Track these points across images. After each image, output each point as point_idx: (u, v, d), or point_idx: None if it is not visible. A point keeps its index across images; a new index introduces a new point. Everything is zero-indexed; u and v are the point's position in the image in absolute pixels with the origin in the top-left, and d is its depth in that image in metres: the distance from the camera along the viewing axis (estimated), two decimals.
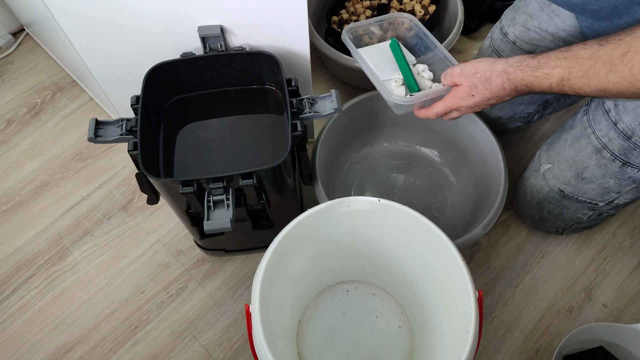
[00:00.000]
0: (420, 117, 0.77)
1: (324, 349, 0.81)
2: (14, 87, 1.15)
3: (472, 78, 0.68)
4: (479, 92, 0.68)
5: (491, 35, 0.88)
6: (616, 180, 0.74)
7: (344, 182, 0.98)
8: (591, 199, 0.79)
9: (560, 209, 0.85)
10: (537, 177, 0.85)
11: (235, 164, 0.75)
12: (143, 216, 1.00)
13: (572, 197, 0.81)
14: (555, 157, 0.81)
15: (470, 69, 0.68)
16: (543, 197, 0.85)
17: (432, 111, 0.74)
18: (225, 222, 0.63)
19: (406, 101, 0.74)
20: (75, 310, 0.91)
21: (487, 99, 0.68)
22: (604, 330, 0.80)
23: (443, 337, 0.69)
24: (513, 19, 0.83)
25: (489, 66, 0.67)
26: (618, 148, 0.71)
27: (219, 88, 0.80)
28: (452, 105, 0.72)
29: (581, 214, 0.84)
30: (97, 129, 0.68)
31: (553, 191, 0.83)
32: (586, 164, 0.76)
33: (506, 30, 0.84)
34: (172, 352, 0.87)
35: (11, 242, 0.97)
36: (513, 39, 0.83)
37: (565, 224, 0.89)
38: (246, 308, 0.61)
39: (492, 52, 0.86)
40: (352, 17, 1.13)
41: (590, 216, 0.84)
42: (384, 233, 0.73)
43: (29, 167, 1.05)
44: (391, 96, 0.75)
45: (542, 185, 0.84)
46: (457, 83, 0.71)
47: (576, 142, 0.77)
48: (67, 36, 0.76)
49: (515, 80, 0.64)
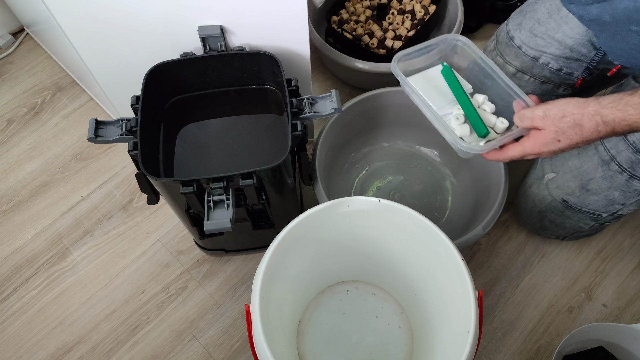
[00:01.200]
0: (490, 159, 0.69)
1: (324, 349, 0.81)
2: (14, 87, 1.15)
3: (559, 123, 0.60)
4: (567, 138, 0.61)
5: (496, 37, 0.87)
6: (621, 193, 0.73)
7: (344, 182, 0.98)
8: (595, 210, 0.79)
9: (562, 218, 0.84)
10: (540, 185, 0.84)
11: (235, 164, 0.75)
12: (143, 216, 1.00)
13: (575, 207, 0.80)
14: (559, 166, 0.79)
15: (556, 112, 0.60)
16: (545, 206, 0.84)
17: (506, 155, 0.67)
18: (225, 222, 0.63)
19: (481, 150, 0.66)
20: (75, 310, 0.91)
21: (576, 144, 0.61)
22: (604, 330, 0.80)
23: (443, 337, 0.69)
24: (520, 24, 0.82)
25: (578, 108, 0.59)
26: (626, 161, 0.70)
27: (219, 88, 0.80)
28: (532, 151, 0.64)
29: (583, 224, 0.83)
30: (97, 129, 0.68)
31: (556, 201, 0.82)
32: (592, 176, 0.75)
33: (512, 34, 0.83)
34: (172, 352, 0.87)
35: (11, 242, 0.97)
36: (519, 44, 0.82)
37: (567, 232, 0.88)
38: (246, 308, 0.61)
39: (497, 55, 0.86)
40: (352, 17, 1.13)
41: (592, 226, 0.84)
42: (384, 233, 0.73)
43: (29, 167, 1.05)
44: (461, 143, 0.66)
45: (545, 194, 0.83)
46: (538, 127, 0.62)
47: (582, 152, 0.75)
48: (67, 36, 0.76)
49: (614, 122, 0.58)
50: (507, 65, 0.84)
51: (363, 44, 1.09)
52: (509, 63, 0.84)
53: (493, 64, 0.71)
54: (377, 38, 1.09)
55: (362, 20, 1.12)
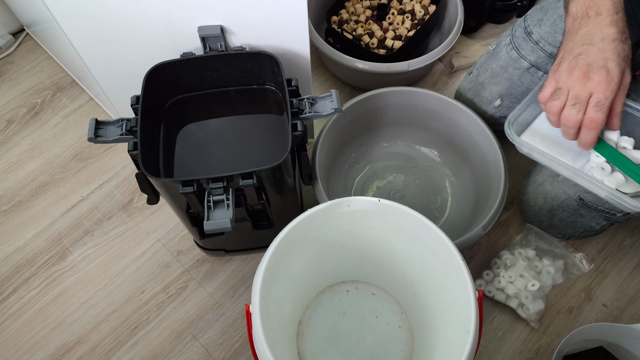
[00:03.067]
0: None
1: (324, 349, 0.81)
2: (14, 87, 1.15)
3: None
4: None
5: (512, 32, 0.87)
6: None
7: (344, 182, 0.98)
8: (610, 209, 0.77)
9: (574, 217, 0.83)
10: (554, 183, 0.83)
11: (235, 164, 0.75)
12: (143, 216, 1.00)
13: (591, 206, 0.79)
14: None
15: None
16: (558, 204, 0.83)
17: None
18: (225, 222, 0.63)
19: None
20: (75, 310, 0.91)
21: None
22: (604, 330, 0.80)
23: (443, 337, 0.69)
24: (541, 20, 0.83)
25: None
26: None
27: (219, 88, 0.80)
28: None
29: (595, 223, 0.82)
30: (97, 129, 0.68)
31: (571, 199, 0.80)
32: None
33: (531, 30, 0.83)
34: (172, 352, 0.87)
35: (11, 242, 0.97)
36: (537, 39, 0.82)
37: (574, 232, 0.87)
38: (246, 308, 0.61)
39: (512, 49, 0.86)
40: (352, 17, 1.13)
41: (603, 226, 0.83)
42: (384, 233, 0.73)
43: (29, 167, 1.05)
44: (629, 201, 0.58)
45: (559, 192, 0.82)
46: None
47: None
48: (67, 36, 0.76)
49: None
50: (522, 59, 0.85)
51: (363, 44, 1.09)
52: (523, 57, 0.84)
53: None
54: (377, 38, 1.09)
55: (362, 20, 1.12)
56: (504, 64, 0.87)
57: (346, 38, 1.06)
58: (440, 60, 1.18)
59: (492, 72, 0.89)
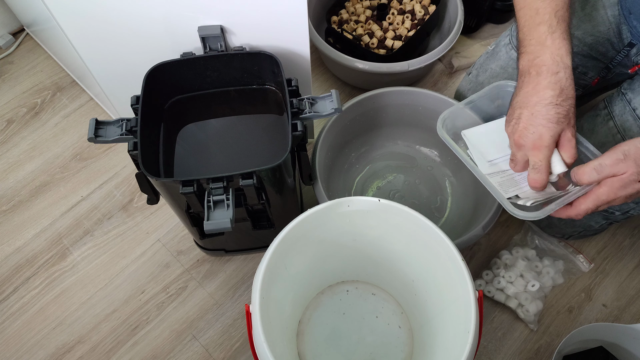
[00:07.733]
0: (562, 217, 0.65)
1: (324, 349, 0.81)
2: (14, 87, 1.15)
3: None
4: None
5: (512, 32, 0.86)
6: None
7: (344, 182, 0.98)
8: (609, 208, 0.78)
9: None
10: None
11: (235, 164, 0.75)
12: (143, 216, 1.00)
13: None
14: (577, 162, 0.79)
15: (635, 151, 0.56)
16: None
17: (580, 210, 0.62)
18: (225, 222, 0.63)
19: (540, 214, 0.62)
20: (75, 310, 0.91)
21: None
22: (604, 330, 0.80)
23: (443, 337, 0.69)
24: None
25: None
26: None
27: (219, 88, 0.80)
28: (607, 198, 0.59)
29: (594, 222, 0.83)
30: (97, 129, 0.68)
31: None
32: None
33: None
34: (172, 352, 0.87)
35: (11, 242, 0.97)
36: None
37: (574, 231, 0.88)
38: (246, 308, 0.61)
39: (512, 49, 0.85)
40: (352, 17, 1.13)
41: (602, 225, 0.83)
42: (384, 233, 0.73)
43: (29, 167, 1.05)
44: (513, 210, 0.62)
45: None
46: (612, 174, 0.58)
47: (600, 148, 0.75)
48: (67, 36, 0.76)
49: None
50: None
51: (363, 44, 1.09)
52: None
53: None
54: (377, 38, 1.09)
55: (362, 20, 1.12)
56: (503, 64, 0.87)
57: (346, 38, 1.06)
58: (440, 60, 1.18)
59: (491, 72, 0.89)
